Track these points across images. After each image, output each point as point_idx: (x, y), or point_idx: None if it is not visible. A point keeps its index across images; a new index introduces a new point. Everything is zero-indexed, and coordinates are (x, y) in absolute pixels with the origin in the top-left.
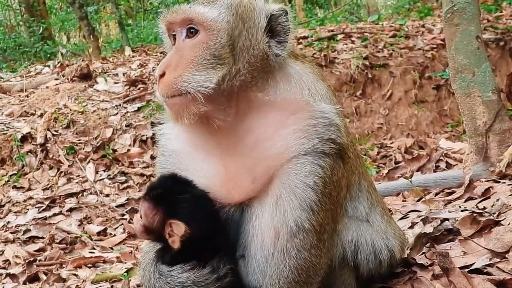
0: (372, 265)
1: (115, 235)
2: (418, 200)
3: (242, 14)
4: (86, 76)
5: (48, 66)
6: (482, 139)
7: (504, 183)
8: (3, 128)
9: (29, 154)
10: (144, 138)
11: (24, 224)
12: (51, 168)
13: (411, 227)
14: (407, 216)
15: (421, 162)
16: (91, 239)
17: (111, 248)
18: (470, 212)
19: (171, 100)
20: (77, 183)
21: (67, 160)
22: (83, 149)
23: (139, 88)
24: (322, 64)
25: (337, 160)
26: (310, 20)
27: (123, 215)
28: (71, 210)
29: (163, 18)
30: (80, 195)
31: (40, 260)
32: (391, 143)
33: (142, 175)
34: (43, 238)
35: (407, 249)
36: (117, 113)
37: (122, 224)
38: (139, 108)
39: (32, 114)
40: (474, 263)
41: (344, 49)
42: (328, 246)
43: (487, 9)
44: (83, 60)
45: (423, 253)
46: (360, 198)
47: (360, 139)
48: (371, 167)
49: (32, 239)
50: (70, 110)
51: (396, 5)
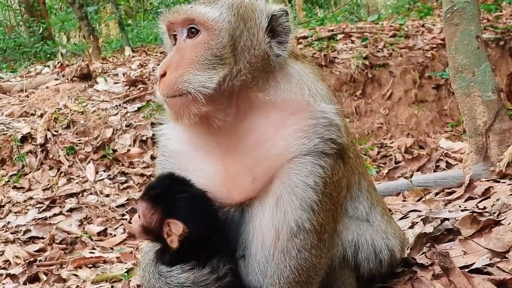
0: (372, 264)
1: (115, 235)
2: (418, 200)
3: (244, 14)
4: (86, 76)
5: (48, 66)
6: (482, 138)
7: (504, 182)
8: (3, 129)
9: (29, 154)
10: (144, 138)
11: (24, 225)
12: (51, 168)
13: (411, 227)
14: (407, 216)
15: (421, 162)
16: (91, 239)
17: (111, 248)
18: (470, 212)
19: (172, 100)
20: (77, 183)
21: (67, 160)
22: (83, 149)
23: (139, 88)
24: (322, 64)
25: (337, 160)
26: (310, 20)
27: (123, 215)
28: (71, 210)
29: (164, 18)
30: (80, 195)
31: (40, 261)
32: (391, 143)
33: (142, 175)
34: (43, 238)
35: (407, 249)
36: (117, 113)
37: (122, 224)
38: (139, 108)
39: (32, 115)
40: (474, 263)
41: (344, 49)
42: (328, 246)
43: (487, 8)
44: (83, 60)
45: (423, 253)
46: (360, 198)
47: (360, 139)
48: (371, 167)
49: (32, 239)
50: (70, 110)
51: (396, 4)
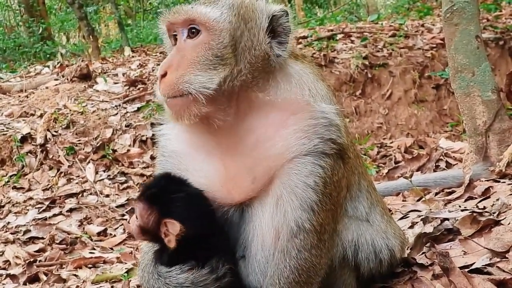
0: (372, 264)
1: (115, 236)
2: (418, 200)
3: (244, 15)
4: (86, 77)
5: (48, 67)
6: (482, 138)
7: (504, 182)
8: (3, 129)
9: (29, 154)
10: (144, 138)
11: (24, 225)
12: (51, 168)
13: (411, 227)
14: (407, 216)
15: (421, 161)
16: (91, 240)
17: (111, 249)
18: (470, 212)
19: (173, 100)
20: (77, 183)
21: (67, 160)
22: (83, 149)
23: (138, 88)
24: (322, 64)
25: (337, 160)
26: (309, 19)
27: (123, 215)
28: (71, 210)
29: (164, 18)
30: (80, 195)
31: (40, 261)
32: (391, 143)
33: (142, 175)
34: (43, 238)
35: (407, 249)
36: (116, 113)
37: (122, 224)
38: (138, 108)
39: (32, 115)
40: (474, 263)
41: (343, 48)
42: (328, 246)
43: (487, 8)
44: (82, 61)
45: (423, 253)
46: (360, 198)
47: (360, 138)
48: (371, 166)
49: (32, 239)
50: (70, 110)
51: (395, 4)
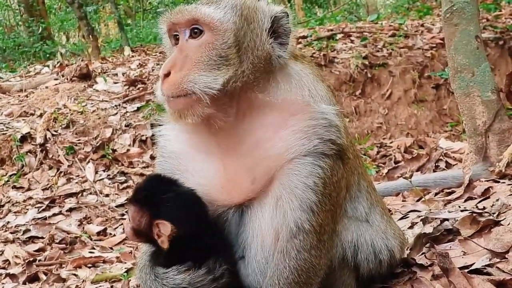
0: (372, 265)
1: (114, 235)
2: (418, 200)
3: (247, 15)
4: (86, 76)
5: (48, 66)
6: (481, 138)
7: (504, 183)
8: (3, 128)
9: (28, 154)
10: (143, 138)
11: (24, 224)
12: (50, 168)
13: (411, 227)
14: (407, 216)
15: (420, 161)
16: (91, 239)
17: (111, 248)
18: (470, 212)
19: (176, 100)
20: (76, 183)
21: (67, 160)
22: (83, 149)
23: (138, 88)
24: (322, 64)
25: (337, 161)
26: (309, 19)
27: (123, 215)
28: (70, 210)
29: (166, 18)
30: (79, 195)
31: (39, 260)
32: (391, 143)
33: (141, 175)
34: (42, 238)
35: (407, 249)
36: (116, 113)
37: (122, 224)
38: (138, 108)
39: (32, 114)
40: (474, 263)
41: (343, 48)
42: (328, 247)
43: (486, 8)
44: (82, 60)
45: (423, 253)
46: (360, 198)
47: (360, 138)
48: (371, 166)
49: (32, 239)
50: (70, 110)
51: (395, 4)
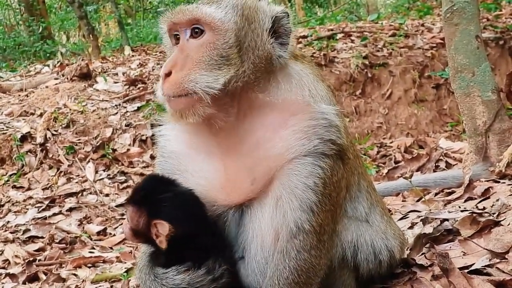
0: (372, 265)
1: (114, 235)
2: (418, 200)
3: (248, 15)
4: (86, 76)
5: (48, 66)
6: (481, 138)
7: (504, 183)
8: (3, 128)
9: (28, 153)
10: (143, 137)
11: (24, 224)
12: (50, 167)
13: (411, 227)
14: (407, 216)
15: (420, 161)
16: (91, 239)
17: (111, 248)
18: (469, 212)
19: (177, 99)
20: (76, 182)
21: (67, 159)
22: (83, 148)
23: (138, 88)
24: (322, 64)
25: (337, 161)
26: (309, 19)
27: (123, 214)
28: (70, 209)
29: (167, 18)
30: (79, 194)
31: (39, 260)
32: (391, 143)
33: (142, 174)
34: (42, 238)
35: (406, 249)
36: (116, 112)
37: (122, 224)
38: (138, 108)
39: (32, 114)
40: (473, 264)
41: (343, 48)
42: (327, 247)
43: (487, 8)
44: (82, 60)
45: (422, 253)
46: (360, 198)
47: (360, 138)
48: (371, 166)
49: (32, 238)
50: (70, 109)
51: (395, 4)
